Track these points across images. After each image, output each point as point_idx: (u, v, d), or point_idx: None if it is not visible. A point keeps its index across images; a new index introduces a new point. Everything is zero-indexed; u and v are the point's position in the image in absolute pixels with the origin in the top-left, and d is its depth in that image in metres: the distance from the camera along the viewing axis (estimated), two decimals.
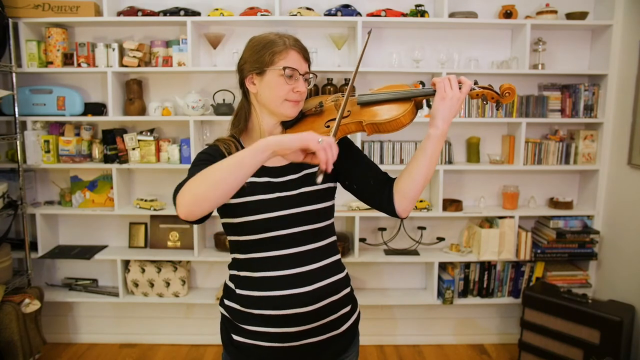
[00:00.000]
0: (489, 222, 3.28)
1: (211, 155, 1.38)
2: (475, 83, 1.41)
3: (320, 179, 1.14)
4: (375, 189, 1.47)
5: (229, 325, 1.49)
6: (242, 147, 1.45)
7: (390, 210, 1.46)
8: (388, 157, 3.17)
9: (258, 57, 1.39)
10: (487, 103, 1.42)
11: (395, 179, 1.47)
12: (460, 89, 1.35)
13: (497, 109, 1.44)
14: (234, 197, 1.38)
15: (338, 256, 1.52)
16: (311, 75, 1.45)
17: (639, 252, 2.87)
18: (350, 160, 1.49)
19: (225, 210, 1.41)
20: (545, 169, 3.23)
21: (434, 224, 3.40)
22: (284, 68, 1.37)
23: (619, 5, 3.03)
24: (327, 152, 1.13)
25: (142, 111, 3.19)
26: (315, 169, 1.46)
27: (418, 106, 1.43)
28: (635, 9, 2.94)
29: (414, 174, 1.39)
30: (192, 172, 1.25)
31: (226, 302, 1.50)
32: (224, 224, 1.47)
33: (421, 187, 1.40)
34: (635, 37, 2.91)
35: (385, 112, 1.40)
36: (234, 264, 1.49)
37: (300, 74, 1.40)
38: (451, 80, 1.35)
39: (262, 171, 1.43)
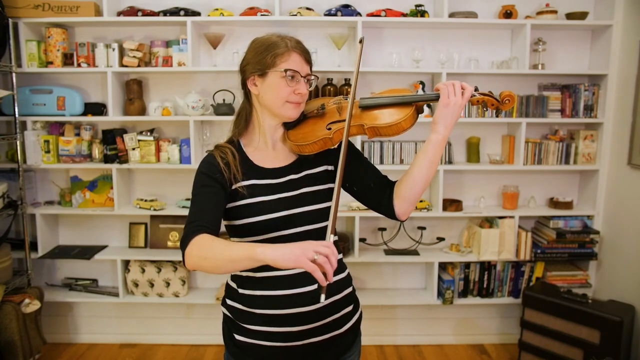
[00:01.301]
0: (489, 222, 3.28)
1: (209, 176, 1.38)
2: (476, 89, 1.42)
3: (323, 298, 1.08)
4: (376, 191, 1.48)
5: (231, 325, 1.50)
6: (241, 151, 1.46)
7: (390, 213, 1.46)
8: (388, 157, 3.17)
9: (260, 58, 1.40)
10: (487, 109, 1.43)
11: (395, 182, 1.48)
12: (462, 95, 1.35)
13: (497, 115, 1.45)
14: (236, 200, 1.39)
15: (340, 255, 1.52)
16: (312, 77, 1.45)
17: (639, 252, 2.87)
18: (351, 163, 1.49)
19: (228, 213, 1.42)
20: (545, 169, 3.23)
21: (434, 224, 3.40)
22: (286, 70, 1.37)
23: (619, 5, 3.03)
24: (325, 266, 1.08)
25: (142, 111, 3.18)
26: (321, 169, 1.48)
27: (419, 110, 1.44)
28: (635, 9, 2.94)
29: (415, 178, 1.40)
30: (195, 204, 1.33)
31: (228, 301, 1.51)
32: (226, 226, 1.47)
33: (421, 190, 1.42)
34: (635, 37, 2.92)
35: (387, 116, 1.40)
36: None
37: (301, 76, 1.40)
38: (455, 87, 1.35)
39: (263, 173, 1.44)
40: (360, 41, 1.48)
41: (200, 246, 1.21)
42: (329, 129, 1.42)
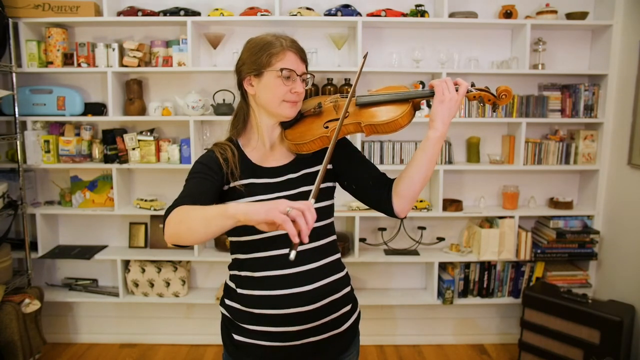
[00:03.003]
0: (489, 222, 3.28)
1: (206, 165, 1.39)
2: (472, 85, 1.42)
3: (292, 255, 1.03)
4: (374, 189, 1.47)
5: (229, 325, 1.50)
6: (239, 150, 1.47)
7: (389, 211, 1.46)
8: (388, 157, 3.17)
9: (255, 58, 1.40)
10: (484, 105, 1.43)
11: (393, 179, 1.48)
12: (457, 90, 1.36)
13: (494, 111, 1.45)
14: (234, 198, 1.39)
15: (338, 255, 1.53)
16: (309, 76, 1.45)
17: (639, 252, 2.86)
18: (349, 160, 1.50)
19: None
20: (545, 169, 3.23)
21: (434, 224, 3.40)
22: (281, 69, 1.38)
23: (619, 5, 3.03)
24: (298, 221, 1.04)
25: (142, 111, 3.19)
26: (319, 168, 1.46)
27: (416, 107, 1.44)
28: (635, 9, 2.93)
29: (413, 175, 1.40)
30: (185, 187, 1.34)
31: (227, 301, 1.51)
32: None
33: (420, 187, 1.41)
34: (635, 37, 2.91)
35: (384, 114, 1.40)
36: (235, 264, 1.50)
37: (297, 75, 1.40)
38: (447, 83, 1.36)
39: (261, 172, 1.44)
40: (364, 56, 1.50)
41: (178, 212, 1.21)
42: (326, 127, 1.43)
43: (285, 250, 1.39)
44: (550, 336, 2.92)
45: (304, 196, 1.42)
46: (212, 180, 1.37)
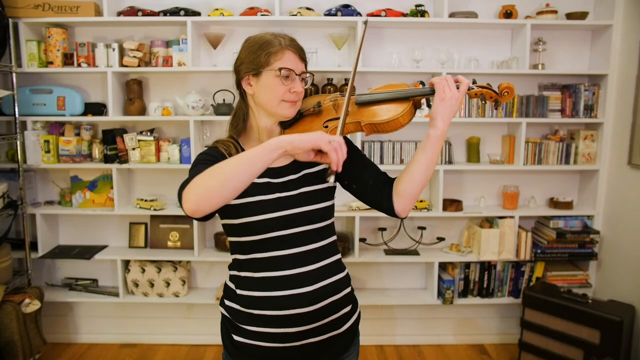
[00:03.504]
0: (489, 222, 3.28)
1: (212, 155, 1.37)
2: (474, 82, 1.41)
3: (332, 179, 1.17)
4: (375, 188, 1.47)
5: (229, 326, 1.49)
6: (242, 148, 1.46)
7: (390, 210, 1.46)
8: (388, 157, 3.17)
9: (254, 58, 1.39)
10: (485, 102, 1.42)
11: (394, 178, 1.47)
12: (458, 88, 1.36)
13: (496, 108, 1.44)
14: (235, 198, 1.38)
15: (338, 256, 1.52)
16: (308, 75, 1.44)
17: (639, 252, 2.86)
18: (350, 160, 1.48)
19: (226, 211, 1.41)
20: (545, 169, 3.23)
21: (434, 224, 3.40)
22: (280, 69, 1.36)
23: (619, 5, 3.03)
24: (337, 152, 1.15)
25: (142, 111, 3.19)
26: (320, 167, 1.47)
27: (417, 106, 1.43)
28: (635, 9, 2.93)
29: (414, 174, 1.40)
30: (195, 172, 1.23)
31: (227, 302, 1.50)
32: (224, 225, 1.46)
33: (421, 187, 1.41)
34: (635, 37, 2.91)
35: (384, 112, 1.40)
36: (235, 265, 1.49)
37: (296, 74, 1.39)
38: (448, 81, 1.35)
39: (262, 172, 1.43)
40: (365, 22, 1.49)
41: (202, 174, 1.15)
42: (326, 126, 1.42)
43: (285, 251, 1.39)
44: (550, 336, 2.92)
45: (306, 197, 1.42)
46: None
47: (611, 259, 3.14)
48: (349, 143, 1.53)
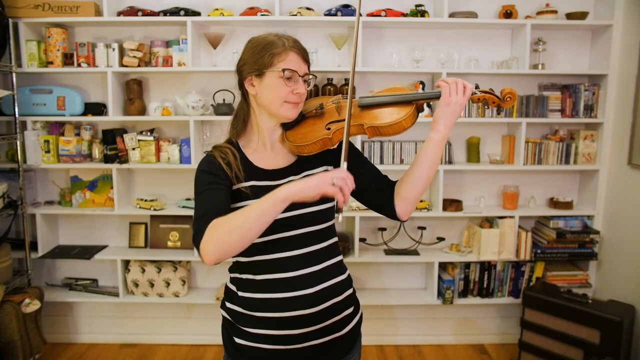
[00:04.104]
0: (489, 222, 3.28)
1: (212, 174, 1.37)
2: (477, 87, 1.41)
3: (340, 217, 1.21)
4: (376, 192, 1.47)
5: (230, 328, 1.49)
6: (240, 152, 1.45)
7: (391, 213, 1.46)
8: (388, 157, 3.17)
9: (257, 58, 1.38)
10: (488, 107, 1.42)
11: (395, 182, 1.47)
12: (463, 93, 1.35)
13: (498, 113, 1.43)
14: (239, 200, 1.38)
15: (340, 257, 1.51)
16: (311, 77, 1.44)
17: (639, 252, 2.87)
18: (351, 163, 1.48)
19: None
20: (545, 169, 3.23)
21: (434, 224, 3.40)
22: (283, 70, 1.36)
23: (619, 5, 3.03)
24: (343, 190, 1.16)
25: (142, 111, 3.19)
26: (321, 169, 1.48)
27: (419, 109, 1.43)
28: (635, 9, 2.93)
29: (416, 177, 1.39)
30: (202, 203, 1.31)
31: (228, 304, 1.50)
32: None
33: (422, 190, 1.41)
34: (635, 37, 2.91)
35: (387, 116, 1.39)
36: (236, 267, 1.49)
37: (299, 76, 1.39)
38: (457, 85, 1.34)
39: (262, 174, 1.43)
40: (359, 16, 1.49)
41: (218, 227, 1.20)
42: (328, 128, 1.41)
43: (287, 253, 1.39)
44: (550, 336, 2.92)
45: None
46: (223, 187, 1.35)
47: (611, 259, 3.14)
48: (350, 146, 1.52)
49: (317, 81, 3.10)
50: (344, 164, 1.23)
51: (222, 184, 1.35)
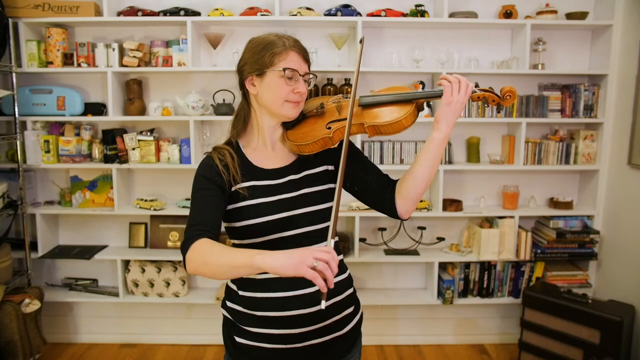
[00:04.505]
0: (489, 222, 3.28)
1: (207, 178, 1.38)
2: (477, 85, 1.41)
3: (323, 303, 1.07)
4: (377, 191, 1.47)
5: (231, 327, 1.49)
6: (240, 152, 1.46)
7: (392, 212, 1.46)
8: (388, 157, 3.17)
9: (258, 58, 1.38)
10: (488, 106, 1.42)
11: (396, 180, 1.47)
12: (465, 92, 1.34)
13: (498, 112, 1.44)
14: (235, 202, 1.38)
15: (340, 256, 1.51)
16: (311, 76, 1.44)
17: (639, 252, 2.87)
18: (352, 162, 1.48)
19: (228, 214, 1.41)
20: (545, 169, 3.23)
21: (434, 224, 3.40)
22: (284, 69, 1.36)
23: (619, 5, 3.03)
24: (326, 272, 1.05)
25: (142, 111, 3.19)
26: (321, 169, 1.48)
27: (420, 108, 1.43)
28: (635, 9, 2.93)
29: (417, 176, 1.39)
30: (193, 210, 1.34)
31: (228, 303, 1.50)
32: (226, 227, 1.46)
33: (423, 189, 1.41)
34: (635, 37, 2.91)
35: (387, 115, 1.39)
36: None
37: (300, 75, 1.39)
38: (461, 84, 1.33)
39: (262, 174, 1.43)
40: (361, 41, 1.48)
41: (200, 251, 1.21)
42: (329, 128, 1.42)
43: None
44: (550, 336, 2.92)
45: (306, 198, 1.42)
46: (217, 193, 1.36)
47: (611, 259, 3.14)
48: (350, 145, 1.52)
49: (317, 81, 3.10)
50: (331, 242, 1.13)
51: (215, 189, 1.37)
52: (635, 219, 2.91)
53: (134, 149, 3.14)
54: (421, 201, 3.22)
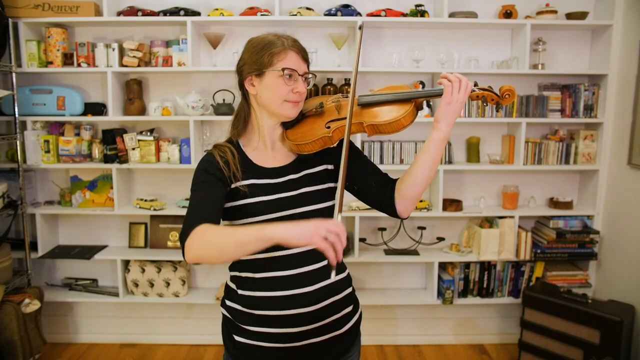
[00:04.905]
0: (489, 222, 3.28)
1: (208, 172, 1.38)
2: (475, 84, 1.41)
3: (333, 274, 1.13)
4: (377, 190, 1.47)
5: (230, 326, 1.49)
6: (240, 151, 1.46)
7: (392, 211, 1.46)
8: (388, 157, 3.17)
9: (257, 58, 1.39)
10: (487, 104, 1.42)
11: (396, 180, 1.47)
12: (465, 91, 1.34)
13: (497, 111, 1.44)
14: (235, 199, 1.39)
15: None
16: (310, 76, 1.44)
17: (639, 252, 2.87)
18: (352, 162, 1.48)
19: (227, 213, 1.41)
20: (545, 169, 3.23)
21: (434, 223, 3.40)
22: (283, 69, 1.36)
23: (619, 5, 3.03)
24: (335, 245, 1.09)
25: (142, 111, 3.19)
26: (320, 168, 1.48)
27: (419, 107, 1.43)
28: (635, 9, 2.93)
29: (416, 176, 1.40)
30: (193, 201, 1.33)
31: (227, 302, 1.50)
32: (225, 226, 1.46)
33: (423, 188, 1.41)
34: (635, 37, 2.91)
35: (386, 114, 1.40)
36: (236, 265, 1.49)
37: (299, 75, 1.39)
38: (462, 84, 1.33)
39: (262, 172, 1.43)
40: (360, 27, 1.47)
41: (203, 235, 1.20)
42: (328, 127, 1.42)
43: (287, 252, 1.39)
44: (550, 336, 2.92)
45: (306, 197, 1.42)
46: (217, 186, 1.36)
47: (611, 259, 3.14)
48: (350, 144, 1.52)
49: (317, 81, 3.10)
50: (338, 216, 1.15)
51: (215, 182, 1.36)
52: (635, 219, 2.91)
53: (134, 149, 3.14)
54: (421, 201, 3.22)
